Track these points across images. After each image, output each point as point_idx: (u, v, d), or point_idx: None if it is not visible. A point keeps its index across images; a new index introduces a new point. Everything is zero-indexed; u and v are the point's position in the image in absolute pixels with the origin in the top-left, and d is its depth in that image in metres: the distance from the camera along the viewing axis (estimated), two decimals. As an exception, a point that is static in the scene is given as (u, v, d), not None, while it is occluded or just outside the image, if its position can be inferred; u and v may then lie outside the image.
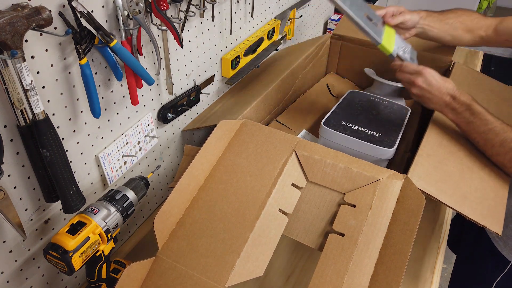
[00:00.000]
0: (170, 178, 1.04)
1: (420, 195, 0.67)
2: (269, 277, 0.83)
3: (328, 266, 0.63)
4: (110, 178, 0.80)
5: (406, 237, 0.64)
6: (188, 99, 0.97)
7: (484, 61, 1.68)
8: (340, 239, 0.65)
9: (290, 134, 0.79)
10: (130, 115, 0.82)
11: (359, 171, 0.71)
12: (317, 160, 0.74)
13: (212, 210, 0.70)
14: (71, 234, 0.62)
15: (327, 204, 0.71)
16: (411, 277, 0.81)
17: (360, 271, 0.62)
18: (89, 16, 0.60)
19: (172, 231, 0.68)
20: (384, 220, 0.67)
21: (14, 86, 0.54)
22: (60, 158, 0.61)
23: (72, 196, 0.64)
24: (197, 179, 0.74)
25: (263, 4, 1.17)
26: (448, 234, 0.93)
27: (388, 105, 1.03)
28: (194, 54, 0.94)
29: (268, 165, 0.74)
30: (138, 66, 0.69)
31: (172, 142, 0.99)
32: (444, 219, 0.94)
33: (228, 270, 0.62)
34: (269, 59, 1.25)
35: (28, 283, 0.71)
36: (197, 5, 0.88)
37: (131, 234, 0.95)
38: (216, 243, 0.65)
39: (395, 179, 0.70)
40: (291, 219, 0.71)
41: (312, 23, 1.65)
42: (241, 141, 0.79)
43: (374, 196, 0.69)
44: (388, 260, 0.63)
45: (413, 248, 0.63)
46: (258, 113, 0.97)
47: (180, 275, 0.63)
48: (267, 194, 0.70)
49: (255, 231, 0.66)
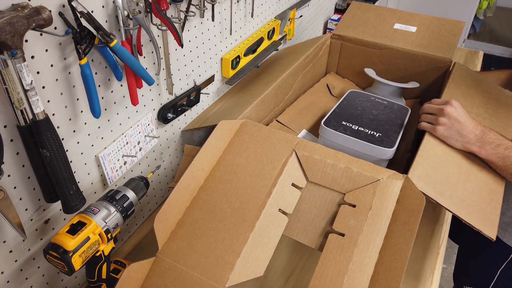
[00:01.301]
0: (170, 178, 1.04)
1: (420, 195, 0.67)
2: (269, 277, 0.83)
3: (328, 266, 0.63)
4: (110, 178, 0.80)
5: (406, 237, 0.64)
6: (188, 99, 0.97)
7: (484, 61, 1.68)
8: (340, 239, 0.65)
9: (290, 134, 0.79)
10: (130, 115, 0.82)
11: (359, 171, 0.71)
12: (317, 160, 0.74)
13: (212, 210, 0.70)
14: (71, 234, 0.62)
15: (327, 204, 0.71)
16: (411, 277, 0.81)
17: (360, 271, 0.62)
18: (89, 16, 0.60)
19: (172, 231, 0.68)
20: (384, 220, 0.67)
21: (14, 86, 0.54)
22: (60, 158, 0.61)
23: (72, 196, 0.64)
24: (197, 179, 0.74)
25: (263, 4, 1.17)
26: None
27: (388, 105, 1.02)
28: (194, 54, 0.94)
29: (268, 165, 0.74)
30: (138, 66, 0.69)
31: (172, 142, 0.99)
32: (444, 219, 0.94)
33: (228, 270, 0.62)
34: (269, 59, 1.25)
35: (28, 283, 0.71)
36: (197, 5, 0.88)
37: (131, 234, 0.95)
38: (216, 243, 0.65)
39: (395, 179, 0.70)
40: (291, 219, 0.71)
41: (312, 23, 1.65)
42: (241, 141, 0.79)
43: (374, 196, 0.69)
44: (388, 260, 0.63)
45: (413, 248, 0.63)
46: (258, 113, 0.97)
47: (180, 275, 0.63)
48: (267, 194, 0.70)
49: (255, 231, 0.66)
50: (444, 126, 0.81)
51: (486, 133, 0.78)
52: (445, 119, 0.81)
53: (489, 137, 0.78)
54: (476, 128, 0.79)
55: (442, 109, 0.82)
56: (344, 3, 1.86)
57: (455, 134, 0.80)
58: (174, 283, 0.62)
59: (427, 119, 0.85)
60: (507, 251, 1.00)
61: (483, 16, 3.20)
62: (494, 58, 3.47)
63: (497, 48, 3.50)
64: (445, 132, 0.81)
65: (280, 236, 0.68)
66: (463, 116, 0.80)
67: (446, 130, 0.81)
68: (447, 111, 0.81)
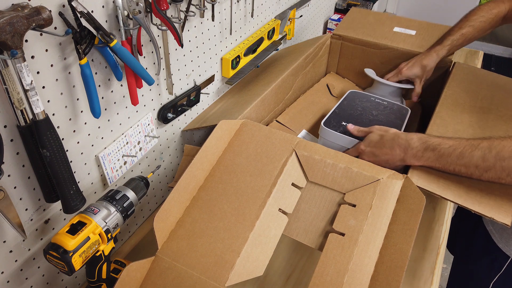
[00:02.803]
0: (170, 178, 1.04)
1: (420, 194, 0.67)
2: (269, 277, 0.83)
3: (329, 265, 0.63)
4: (110, 178, 0.80)
5: (407, 236, 0.64)
6: (188, 99, 0.97)
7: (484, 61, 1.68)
8: (340, 239, 0.65)
9: (290, 134, 0.79)
10: (130, 115, 0.82)
11: (359, 171, 0.71)
12: (317, 160, 0.74)
13: (212, 209, 0.70)
14: (71, 234, 0.62)
15: (327, 204, 0.71)
16: (411, 277, 0.81)
17: (361, 270, 0.62)
18: (89, 16, 0.60)
19: (172, 230, 0.68)
20: (385, 220, 0.67)
21: (14, 86, 0.54)
22: (60, 158, 0.61)
23: (72, 196, 0.64)
24: (197, 179, 0.74)
25: (263, 4, 1.17)
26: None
27: (388, 105, 1.02)
28: (194, 54, 0.94)
29: (268, 165, 0.74)
30: (138, 66, 0.69)
31: (172, 142, 0.99)
32: (444, 219, 0.94)
33: (228, 270, 0.62)
34: (269, 59, 1.25)
35: (28, 283, 0.71)
36: (197, 5, 0.88)
37: (131, 234, 0.95)
38: (216, 242, 0.65)
39: (395, 179, 0.70)
40: (291, 219, 0.71)
41: (312, 23, 1.65)
42: (241, 141, 0.79)
43: (374, 196, 0.69)
44: (388, 259, 0.63)
45: (413, 248, 0.63)
46: (258, 113, 0.97)
47: (180, 274, 0.63)
48: (267, 193, 0.70)
49: (255, 231, 0.66)
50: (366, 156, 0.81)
51: (408, 146, 0.75)
52: (368, 149, 0.81)
53: (413, 146, 0.75)
54: (397, 147, 0.76)
55: (358, 147, 0.82)
56: (344, 3, 1.86)
57: (383, 162, 0.78)
58: (174, 283, 0.62)
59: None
60: (499, 263, 1.00)
61: (483, 16, 3.20)
62: (494, 58, 3.48)
63: (497, 48, 3.51)
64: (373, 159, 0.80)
65: (280, 236, 0.68)
66: (380, 146, 0.78)
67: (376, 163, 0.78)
68: (361, 149, 0.81)
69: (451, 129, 0.86)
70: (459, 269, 1.22)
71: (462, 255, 1.19)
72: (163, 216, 0.67)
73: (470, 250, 1.12)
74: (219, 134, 0.78)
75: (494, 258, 1.01)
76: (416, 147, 0.74)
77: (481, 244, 1.04)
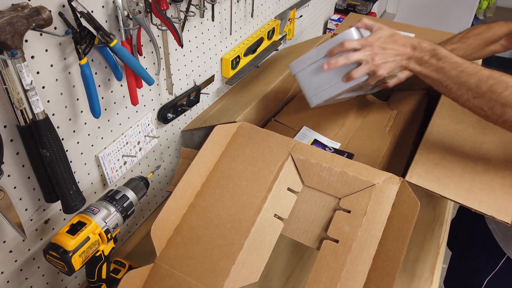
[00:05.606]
0: (170, 178, 1.04)
1: (414, 199, 0.67)
2: (269, 277, 0.83)
3: (322, 273, 0.63)
4: (110, 178, 0.80)
5: (399, 243, 0.64)
6: (188, 99, 0.97)
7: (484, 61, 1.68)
8: (334, 246, 0.65)
9: (287, 137, 0.78)
10: (130, 115, 0.82)
11: (355, 175, 0.71)
12: (313, 164, 0.73)
13: (208, 216, 0.70)
14: (71, 234, 0.62)
15: (322, 209, 0.71)
16: (411, 277, 0.81)
17: (354, 278, 0.62)
18: (89, 16, 0.60)
19: (170, 237, 0.69)
20: (379, 226, 0.66)
21: (14, 86, 0.54)
22: (60, 158, 0.61)
23: (72, 196, 0.64)
24: (194, 185, 0.73)
25: (263, 4, 1.17)
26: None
27: None
28: (194, 54, 0.94)
29: (264, 169, 0.74)
30: (138, 66, 0.69)
31: (172, 142, 0.99)
32: (444, 219, 0.94)
33: (224, 277, 0.62)
34: (269, 59, 1.25)
35: (28, 283, 0.71)
36: (197, 5, 0.88)
37: (131, 234, 0.95)
38: (212, 249, 0.66)
39: (391, 183, 0.70)
40: (291, 220, 0.71)
41: (312, 23, 1.65)
42: (238, 144, 0.79)
43: (370, 201, 0.68)
44: (380, 266, 0.63)
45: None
46: (258, 113, 0.97)
47: (177, 281, 0.64)
48: (262, 199, 0.70)
49: (250, 238, 0.66)
50: (372, 65, 0.74)
51: (417, 46, 0.74)
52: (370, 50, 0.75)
53: (422, 47, 0.73)
54: (405, 46, 0.75)
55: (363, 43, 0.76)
56: (344, 3, 1.86)
57: (384, 64, 0.74)
58: (172, 289, 0.63)
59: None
60: (494, 261, 1.00)
61: (483, 16, 3.20)
62: (494, 58, 3.47)
63: (497, 48, 3.50)
64: (375, 68, 0.74)
65: (276, 241, 0.68)
66: (389, 41, 0.75)
67: (374, 64, 0.74)
68: (369, 41, 0.75)
69: (451, 128, 0.86)
70: (456, 266, 1.22)
71: (461, 252, 1.20)
72: (160, 224, 0.68)
73: (469, 247, 1.12)
74: (215, 139, 0.78)
75: (490, 255, 1.01)
76: (425, 48, 0.73)
77: (481, 242, 1.04)
